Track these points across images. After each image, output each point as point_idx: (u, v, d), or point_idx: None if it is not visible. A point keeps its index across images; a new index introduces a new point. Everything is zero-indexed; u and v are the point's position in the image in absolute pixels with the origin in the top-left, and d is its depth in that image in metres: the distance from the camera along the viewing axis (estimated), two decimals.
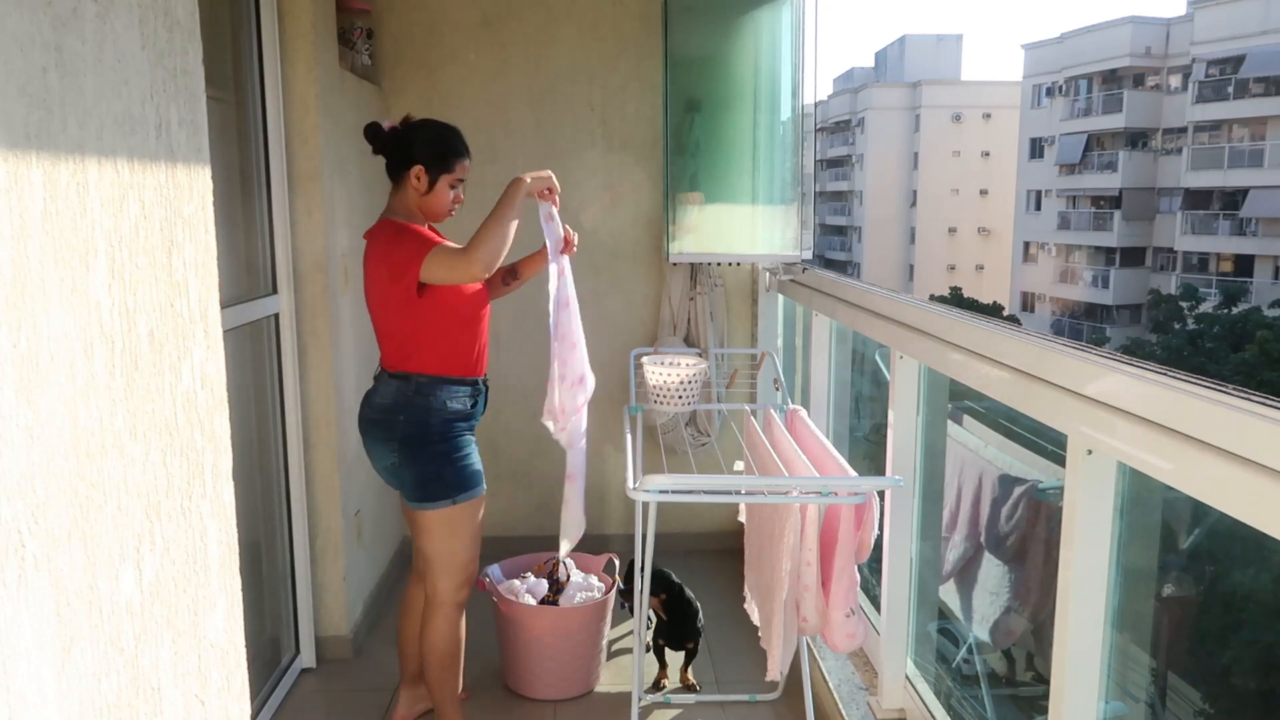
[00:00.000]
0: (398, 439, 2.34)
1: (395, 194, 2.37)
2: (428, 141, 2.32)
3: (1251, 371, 18.82)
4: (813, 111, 3.65)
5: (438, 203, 2.34)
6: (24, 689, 0.84)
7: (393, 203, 2.37)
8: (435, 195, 2.33)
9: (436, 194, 2.33)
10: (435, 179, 2.31)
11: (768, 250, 3.65)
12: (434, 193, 2.33)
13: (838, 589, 2.19)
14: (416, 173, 2.30)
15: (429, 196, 2.33)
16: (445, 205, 2.36)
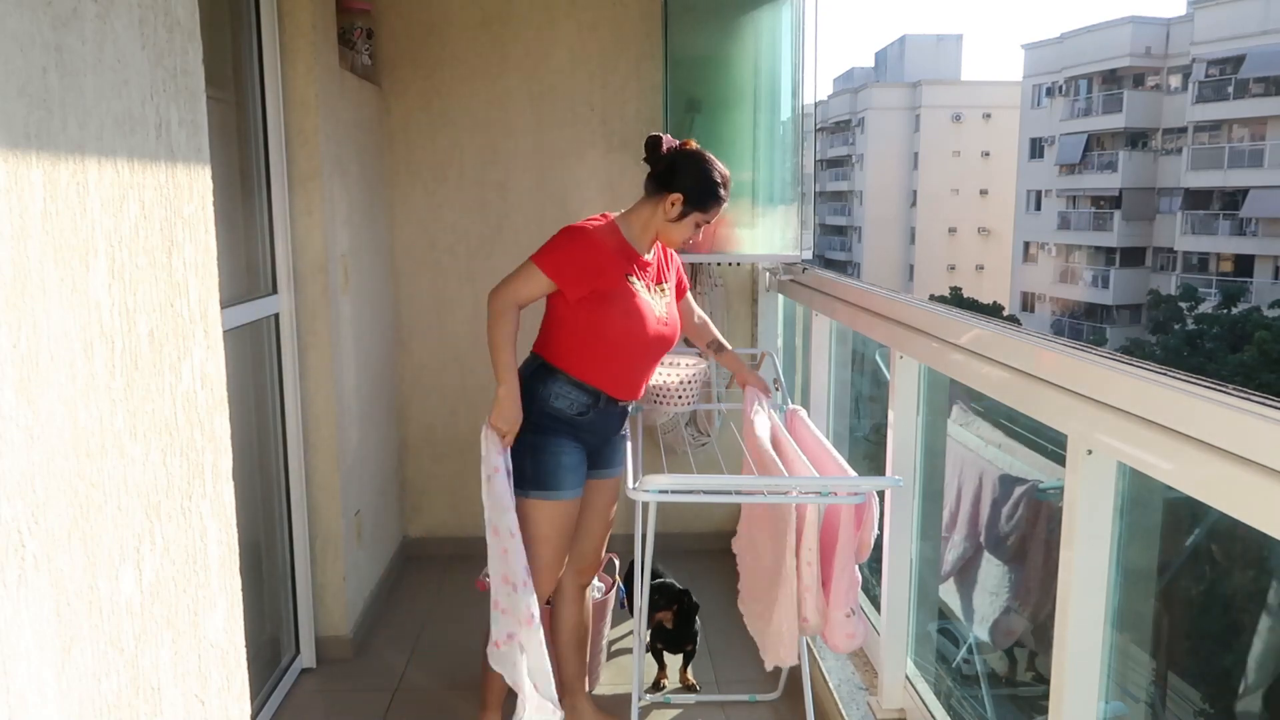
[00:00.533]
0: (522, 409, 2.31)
1: (644, 204, 2.37)
2: (698, 177, 2.32)
3: (1250, 373, 18.83)
4: (813, 111, 3.65)
5: (678, 235, 2.35)
6: (24, 689, 0.84)
7: (639, 211, 2.37)
8: (679, 227, 2.34)
9: (681, 226, 2.33)
10: (687, 213, 2.32)
11: (768, 250, 3.65)
12: (680, 224, 2.33)
13: (838, 589, 2.19)
14: (674, 199, 2.31)
15: (673, 225, 2.33)
16: (683, 239, 2.36)
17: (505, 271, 3.94)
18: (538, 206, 3.85)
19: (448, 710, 2.84)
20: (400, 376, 3.92)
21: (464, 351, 3.91)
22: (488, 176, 3.83)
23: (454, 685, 2.97)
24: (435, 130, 3.78)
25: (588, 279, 2.26)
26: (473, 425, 3.92)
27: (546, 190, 3.85)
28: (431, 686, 2.98)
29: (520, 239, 3.86)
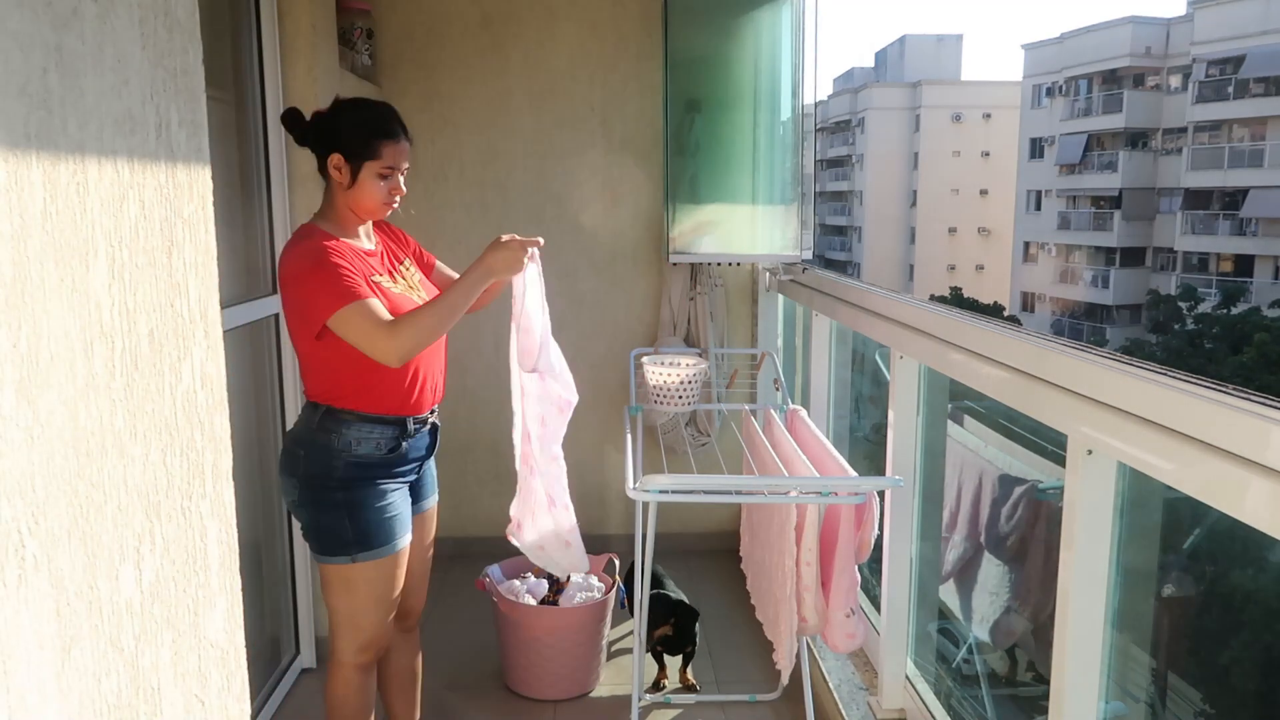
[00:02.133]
0: (299, 475, 2.00)
1: (325, 193, 2.03)
2: (346, 125, 1.94)
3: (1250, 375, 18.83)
4: (813, 111, 3.65)
5: (367, 198, 1.97)
6: (24, 689, 0.84)
7: (324, 206, 2.02)
8: (361, 189, 1.96)
9: (362, 187, 1.96)
10: (358, 169, 1.95)
11: (768, 250, 3.65)
12: (358, 186, 1.95)
13: (838, 589, 2.19)
14: (335, 163, 1.95)
15: (354, 191, 1.96)
16: (378, 200, 1.99)
17: None
18: (538, 206, 3.85)
19: (448, 710, 2.84)
20: None
21: (463, 352, 3.91)
22: (488, 176, 3.83)
23: (454, 685, 2.97)
24: (435, 130, 3.78)
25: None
26: (472, 425, 3.92)
27: (546, 190, 3.85)
28: (431, 686, 2.98)
29: None
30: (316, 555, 2.06)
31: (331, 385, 1.98)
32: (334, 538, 2.01)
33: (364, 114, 1.98)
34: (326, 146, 1.96)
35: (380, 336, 1.85)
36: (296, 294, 1.91)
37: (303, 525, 2.07)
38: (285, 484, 2.06)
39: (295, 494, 2.03)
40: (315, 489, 2.00)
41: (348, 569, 2.02)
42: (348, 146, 1.94)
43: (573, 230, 3.85)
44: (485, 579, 2.95)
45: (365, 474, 2.01)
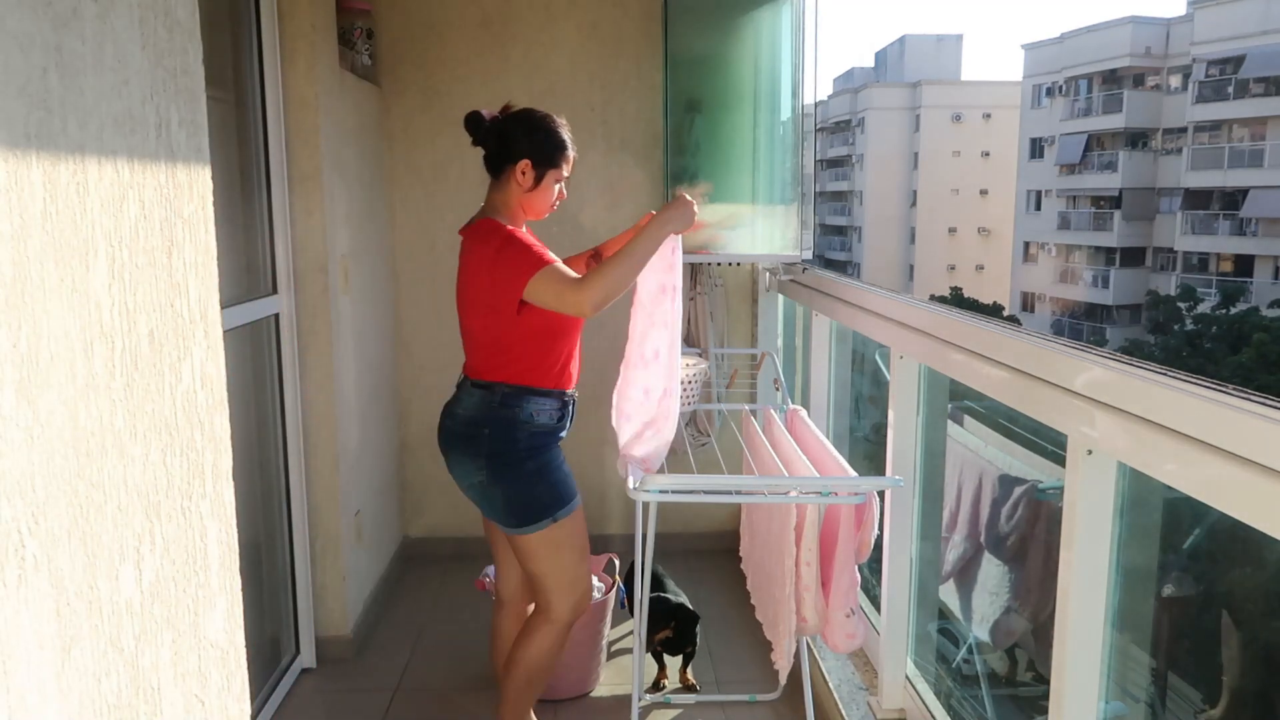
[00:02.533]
0: (484, 454, 2.17)
1: (495, 189, 2.22)
2: (534, 134, 2.18)
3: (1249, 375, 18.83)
4: (813, 111, 3.65)
5: (542, 200, 2.22)
6: (24, 689, 0.84)
7: (493, 199, 2.23)
8: (540, 192, 2.21)
9: (542, 191, 2.21)
10: (542, 175, 2.19)
11: (768, 250, 3.65)
12: (539, 190, 2.20)
13: (838, 589, 2.19)
14: (522, 168, 2.17)
15: (533, 193, 2.20)
16: (549, 203, 2.24)
17: None
18: None
19: (448, 710, 2.85)
20: (400, 376, 3.91)
21: (464, 352, 3.91)
22: (488, 177, 3.83)
23: (454, 685, 2.97)
24: (435, 130, 3.78)
25: None
26: None
27: None
28: (431, 686, 2.98)
29: None
30: (517, 528, 2.20)
31: (509, 362, 2.17)
32: (535, 505, 2.18)
33: (547, 125, 2.22)
34: (514, 152, 2.18)
35: (572, 292, 2.04)
36: (491, 276, 2.12)
37: (494, 503, 2.20)
38: (467, 467, 2.20)
39: (483, 474, 2.17)
40: (503, 464, 2.17)
41: (553, 531, 2.20)
42: (536, 155, 2.18)
43: (573, 230, 3.84)
44: (485, 579, 2.95)
45: (544, 441, 2.21)
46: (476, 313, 2.20)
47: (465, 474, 2.22)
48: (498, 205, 2.22)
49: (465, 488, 2.24)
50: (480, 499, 2.24)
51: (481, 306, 2.18)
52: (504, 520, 2.21)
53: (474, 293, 2.18)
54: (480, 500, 2.24)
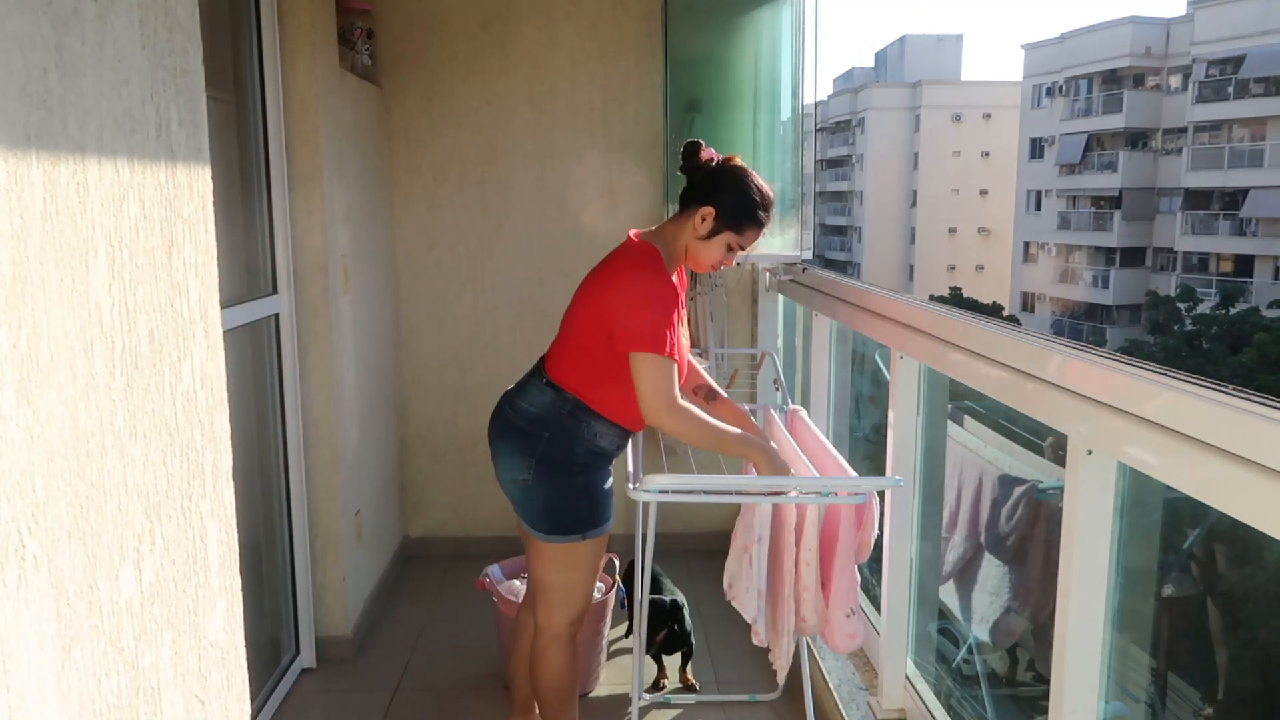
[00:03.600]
0: (536, 455, 2.14)
1: (674, 221, 2.18)
2: (736, 192, 2.12)
3: (1249, 375, 18.83)
4: (813, 111, 3.65)
5: (707, 255, 2.15)
6: (24, 689, 0.84)
7: (666, 229, 2.19)
8: (709, 246, 2.14)
9: (711, 246, 2.13)
10: (718, 230, 2.12)
11: (767, 250, 3.64)
12: (710, 243, 2.13)
13: (838, 589, 2.19)
14: (705, 213, 2.11)
15: (702, 244, 2.14)
16: (713, 261, 2.17)
17: (505, 271, 3.93)
18: (538, 206, 3.85)
19: (448, 710, 2.85)
20: (400, 376, 3.92)
21: (464, 352, 3.91)
22: (488, 177, 3.83)
23: (454, 685, 2.97)
24: (435, 130, 3.78)
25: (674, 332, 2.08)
26: (473, 425, 3.92)
27: (546, 190, 3.85)
28: (432, 686, 2.98)
29: (520, 239, 3.86)
30: (545, 535, 2.18)
31: (594, 386, 2.14)
32: (570, 517, 2.17)
33: (752, 192, 2.12)
34: (708, 195, 2.12)
35: (661, 400, 2.04)
36: (623, 308, 2.06)
37: (531, 504, 2.18)
38: (514, 462, 2.17)
39: (530, 473, 2.16)
40: (553, 470, 2.15)
41: (575, 546, 2.19)
42: (725, 209, 2.10)
43: (573, 230, 3.85)
44: (485, 579, 2.95)
45: (598, 461, 2.19)
46: (586, 318, 2.15)
47: (511, 468, 2.19)
48: (666, 236, 2.18)
49: (506, 481, 2.22)
50: (518, 495, 2.21)
51: (593, 318, 2.12)
52: (535, 522, 2.20)
53: (596, 302, 2.12)
54: (517, 496, 2.21)
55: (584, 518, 2.18)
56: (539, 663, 2.31)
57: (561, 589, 2.24)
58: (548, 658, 2.30)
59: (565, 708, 2.35)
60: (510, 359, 3.86)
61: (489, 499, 3.98)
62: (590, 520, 2.18)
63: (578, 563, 2.22)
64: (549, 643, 2.29)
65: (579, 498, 2.17)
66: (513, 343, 3.88)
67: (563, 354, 2.19)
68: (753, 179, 2.14)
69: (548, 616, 2.28)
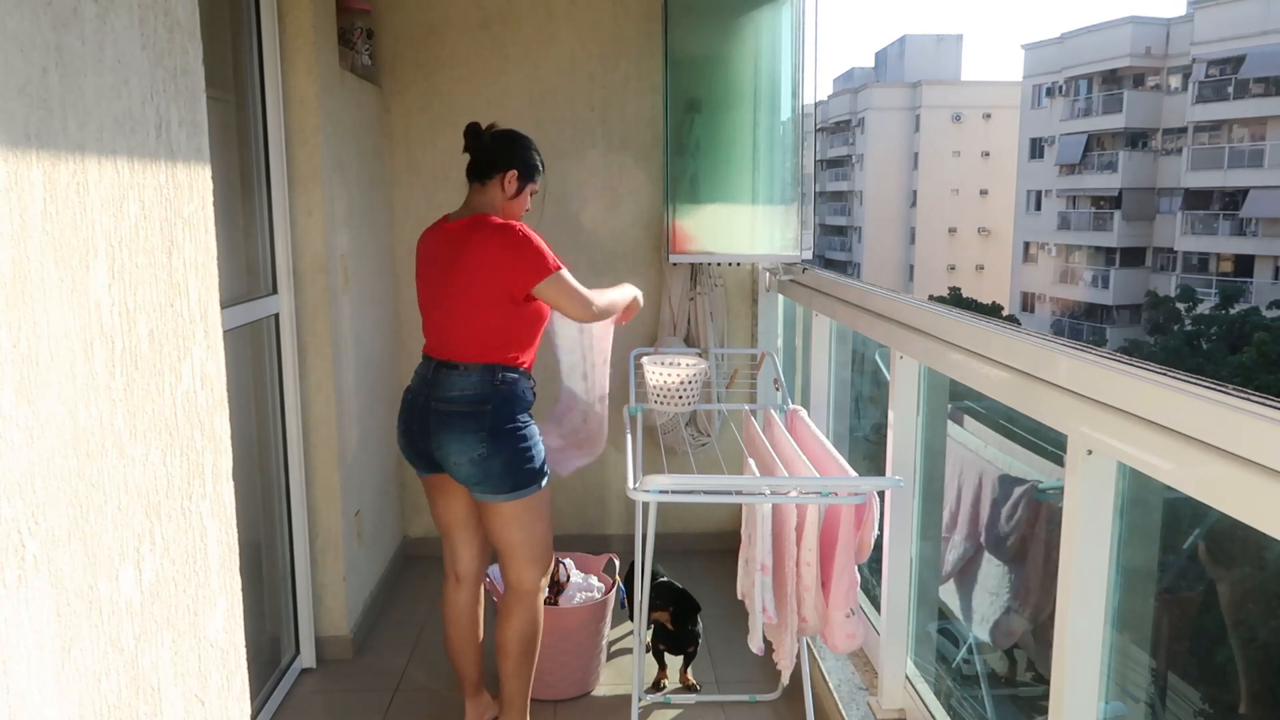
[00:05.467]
0: (486, 428, 2.34)
1: (478, 194, 2.46)
2: (524, 151, 2.48)
3: (1249, 375, 18.83)
4: (813, 111, 3.65)
5: (517, 208, 2.48)
6: (24, 689, 0.84)
7: (477, 200, 2.46)
8: (518, 201, 2.47)
9: (519, 200, 2.48)
10: (523, 186, 2.47)
11: (768, 250, 3.65)
12: (518, 198, 2.47)
13: (838, 589, 2.19)
14: (509, 176, 2.44)
15: (513, 201, 2.46)
16: (521, 212, 2.49)
17: None
18: (538, 206, 3.84)
19: (448, 710, 2.85)
20: (400, 376, 3.91)
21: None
22: None
23: (454, 685, 2.97)
24: (435, 130, 3.78)
25: None
26: None
27: (547, 190, 3.84)
28: (431, 686, 2.98)
29: None
30: (511, 494, 2.37)
31: (513, 348, 2.39)
32: (530, 471, 2.39)
33: (532, 145, 2.51)
34: (505, 162, 2.45)
35: (582, 301, 2.37)
36: (506, 268, 2.32)
37: (490, 473, 2.35)
38: (468, 442, 2.34)
39: (484, 446, 2.34)
40: (503, 436, 2.35)
41: (538, 495, 2.42)
42: (523, 167, 2.46)
43: (573, 230, 3.85)
44: (485, 579, 2.95)
45: (528, 415, 2.43)
46: (481, 297, 2.35)
47: (465, 448, 2.34)
48: (484, 206, 2.44)
49: (463, 463, 2.36)
50: (475, 471, 2.36)
51: (489, 291, 2.34)
52: (497, 488, 2.37)
53: (484, 277, 2.33)
54: (474, 472, 2.36)
55: (538, 468, 2.41)
56: (508, 619, 2.48)
57: (529, 543, 2.43)
58: (518, 614, 2.48)
59: (528, 662, 2.52)
60: None
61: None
62: (541, 469, 2.42)
63: (539, 513, 2.44)
64: (520, 598, 2.47)
65: (528, 452, 2.38)
66: None
67: (466, 337, 2.38)
68: (525, 137, 2.51)
69: (518, 574, 2.46)
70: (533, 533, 2.44)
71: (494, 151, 2.46)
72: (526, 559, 2.45)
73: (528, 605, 2.48)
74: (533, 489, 2.40)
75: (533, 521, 2.43)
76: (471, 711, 2.69)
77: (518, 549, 2.44)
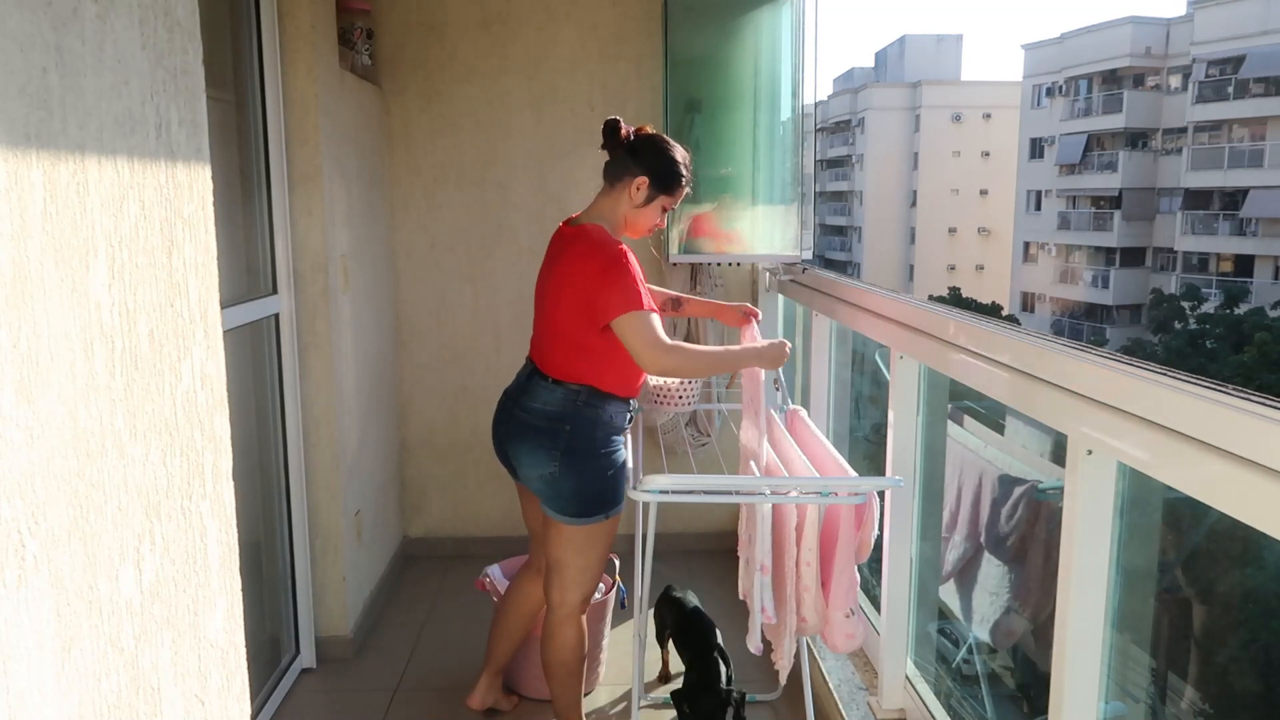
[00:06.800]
0: (561, 449, 2.26)
1: (606, 196, 2.33)
2: (662, 158, 2.28)
3: (1250, 374, 18.83)
4: (813, 111, 3.65)
5: (645, 220, 2.33)
6: (24, 689, 0.84)
7: (601, 206, 2.33)
8: (646, 212, 2.31)
9: (648, 211, 2.31)
10: (653, 197, 2.29)
11: (768, 250, 3.64)
12: (646, 209, 2.31)
13: (837, 589, 2.19)
14: (639, 183, 2.27)
15: (640, 211, 2.31)
16: (650, 225, 2.34)
17: (505, 271, 3.94)
18: (538, 206, 3.85)
19: (448, 710, 2.85)
20: (400, 376, 3.91)
21: (464, 351, 3.91)
22: (488, 176, 3.83)
23: (454, 685, 2.97)
24: (435, 130, 3.78)
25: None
26: (473, 425, 3.92)
27: (546, 190, 3.85)
28: (431, 686, 2.98)
29: (520, 239, 3.86)
30: (573, 519, 2.29)
31: (598, 372, 2.26)
32: (598, 499, 2.29)
33: (675, 155, 2.30)
34: (638, 168, 2.27)
35: (653, 351, 2.16)
36: (592, 290, 2.19)
37: (560, 493, 2.28)
38: (539, 458, 2.27)
39: (556, 465, 2.26)
40: (579, 458, 2.26)
41: (598, 526, 2.31)
42: (655, 176, 2.27)
43: None
44: (485, 579, 2.95)
45: (617, 439, 2.32)
46: (568, 313, 2.25)
47: (536, 464, 2.28)
48: (605, 213, 2.32)
49: (532, 477, 2.31)
50: (546, 488, 2.30)
51: (575, 310, 2.23)
52: (564, 509, 2.29)
53: (571, 294, 2.23)
54: (545, 489, 2.30)
55: (609, 498, 2.31)
56: (552, 640, 2.43)
57: (579, 569, 2.36)
58: (562, 635, 2.42)
59: (574, 681, 2.48)
60: (510, 359, 3.86)
61: (489, 499, 3.98)
62: (614, 499, 2.32)
63: (596, 542, 2.35)
64: (563, 620, 2.41)
65: (606, 479, 2.29)
66: (513, 343, 3.88)
67: (555, 350, 2.29)
68: (670, 144, 2.30)
69: (561, 595, 2.39)
70: (587, 559, 2.36)
71: (628, 153, 2.29)
72: (574, 581, 2.38)
73: (571, 626, 2.42)
74: (598, 518, 2.31)
75: (589, 548, 2.35)
76: (482, 687, 2.75)
77: (567, 569, 2.37)
